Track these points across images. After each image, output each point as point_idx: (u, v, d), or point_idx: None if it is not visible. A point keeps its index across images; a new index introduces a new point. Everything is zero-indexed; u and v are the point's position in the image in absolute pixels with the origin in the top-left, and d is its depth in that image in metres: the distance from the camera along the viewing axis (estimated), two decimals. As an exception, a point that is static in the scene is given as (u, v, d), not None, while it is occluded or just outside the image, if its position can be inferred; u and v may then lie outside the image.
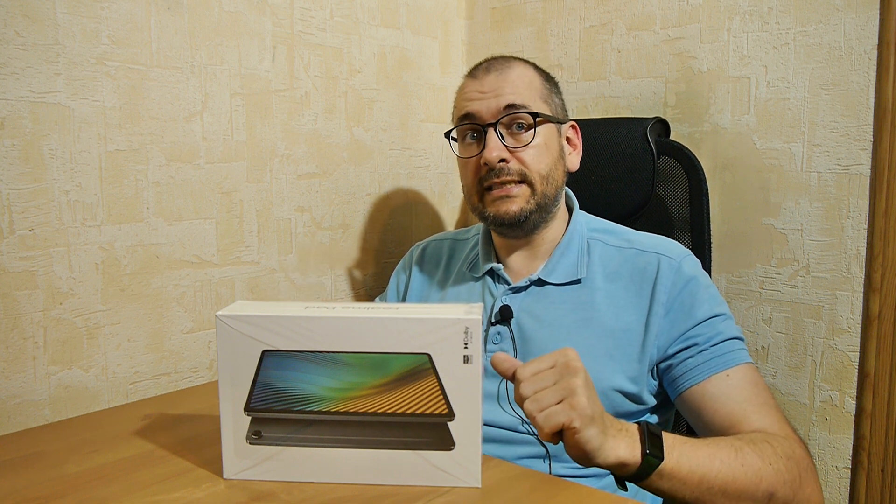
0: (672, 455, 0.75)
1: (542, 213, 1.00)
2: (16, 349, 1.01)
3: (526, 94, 0.99)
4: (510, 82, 0.99)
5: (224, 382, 0.75)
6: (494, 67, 1.01)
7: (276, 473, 0.76)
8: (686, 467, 0.76)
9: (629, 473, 0.75)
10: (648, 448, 0.74)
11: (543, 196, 0.99)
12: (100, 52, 1.06)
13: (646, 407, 0.95)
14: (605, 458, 0.72)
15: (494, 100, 0.98)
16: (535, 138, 0.98)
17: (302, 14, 1.32)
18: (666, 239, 1.02)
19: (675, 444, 0.77)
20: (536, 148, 0.99)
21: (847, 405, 1.18)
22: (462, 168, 1.04)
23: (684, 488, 0.76)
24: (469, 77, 1.03)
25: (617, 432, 0.74)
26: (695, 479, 0.76)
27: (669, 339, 0.93)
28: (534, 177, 0.98)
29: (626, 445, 0.74)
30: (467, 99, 1.01)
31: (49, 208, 1.03)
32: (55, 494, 0.75)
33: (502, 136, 0.98)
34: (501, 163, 0.97)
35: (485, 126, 0.98)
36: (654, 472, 0.74)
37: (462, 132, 1.02)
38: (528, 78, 1.01)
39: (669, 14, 1.33)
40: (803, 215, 1.21)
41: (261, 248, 1.29)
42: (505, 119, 0.97)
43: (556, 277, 1.01)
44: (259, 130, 1.27)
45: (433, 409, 0.74)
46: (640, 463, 0.74)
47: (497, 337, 1.00)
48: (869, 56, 1.12)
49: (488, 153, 0.96)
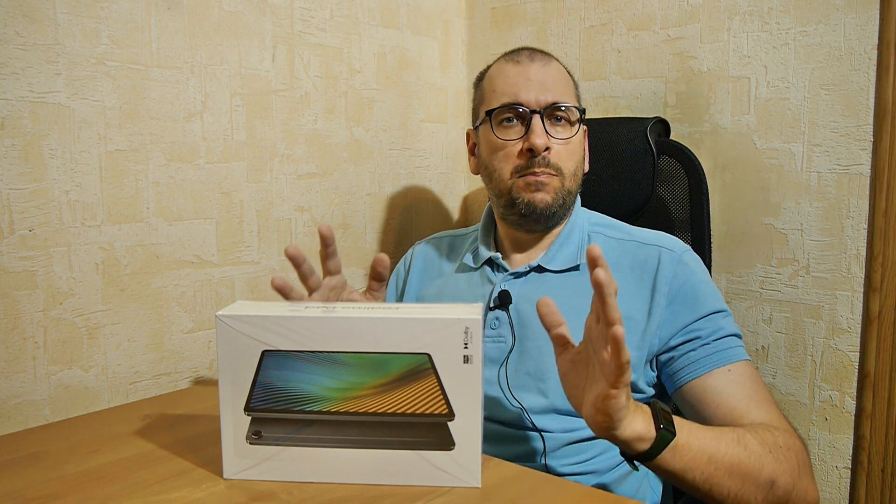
0: (682, 432, 0.76)
1: (563, 209, 1.02)
2: (16, 349, 1.01)
3: (568, 92, 1.02)
4: (554, 76, 1.01)
5: (224, 382, 0.75)
6: (538, 57, 1.02)
7: (276, 473, 0.76)
8: (696, 445, 0.77)
9: (643, 449, 0.75)
10: (662, 423, 0.75)
11: (568, 192, 1.01)
12: (100, 52, 1.06)
13: (643, 396, 0.96)
14: (624, 430, 0.73)
15: (542, 90, 0.99)
16: (575, 135, 1.01)
17: (302, 14, 1.32)
18: (666, 234, 1.03)
19: (684, 424, 0.78)
20: (573, 144, 1.01)
21: (847, 405, 1.18)
22: (497, 151, 1.02)
23: (694, 466, 0.76)
24: (510, 62, 1.03)
25: (636, 408, 0.75)
26: (704, 458, 0.77)
27: (672, 331, 0.93)
28: (565, 172, 1.00)
29: (643, 420, 0.75)
30: (512, 84, 1.01)
31: (49, 208, 1.03)
32: (55, 494, 0.75)
33: (545, 126, 0.99)
34: (545, 152, 0.98)
35: (532, 112, 0.99)
36: (667, 447, 0.75)
37: (500, 116, 1.02)
38: (566, 77, 1.05)
39: (669, 14, 1.33)
40: (803, 215, 1.21)
41: (261, 248, 1.29)
42: (549, 111, 0.99)
43: (555, 265, 1.01)
44: (259, 130, 1.27)
45: (433, 409, 0.74)
46: (655, 438, 0.74)
47: (495, 322, 1.01)
48: (869, 56, 1.12)
49: (536, 139, 0.97)
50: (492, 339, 1.00)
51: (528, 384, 0.96)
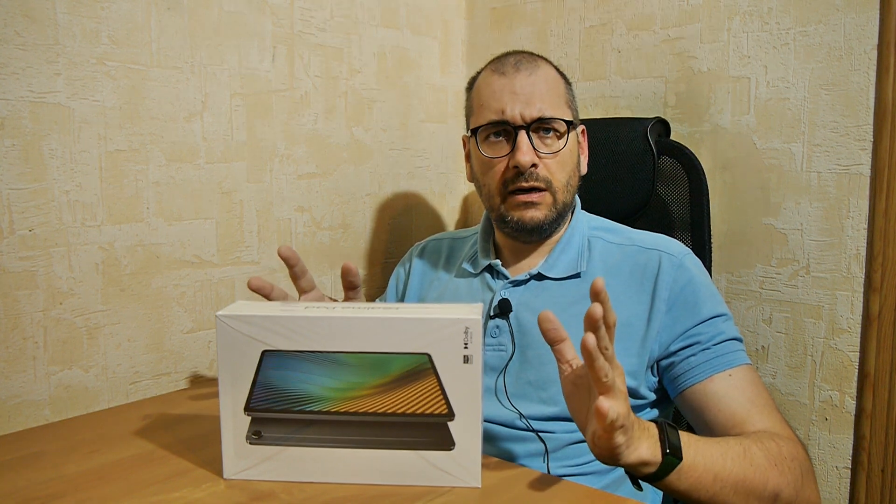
0: (689, 453, 0.75)
1: (559, 220, 1.01)
2: (16, 349, 1.01)
3: (556, 100, 0.99)
4: (540, 87, 0.98)
5: (224, 382, 0.75)
6: (524, 66, 0.99)
7: (276, 473, 0.76)
8: (701, 466, 0.76)
9: (649, 473, 0.74)
10: (669, 448, 0.74)
11: (563, 204, 1.00)
12: (100, 52, 1.06)
13: (644, 402, 0.96)
14: (628, 457, 0.72)
15: (527, 105, 0.97)
16: (564, 147, 0.99)
17: (302, 14, 1.32)
18: (667, 237, 1.03)
19: (690, 443, 0.77)
20: (563, 156, 0.99)
21: (847, 405, 1.18)
22: (484, 166, 1.02)
23: (699, 486, 0.76)
24: (495, 72, 1.01)
25: (640, 432, 0.74)
26: (709, 477, 0.76)
27: (672, 336, 0.93)
28: (557, 185, 0.99)
29: (648, 445, 0.73)
30: (498, 99, 0.99)
31: (49, 208, 1.03)
32: (55, 494, 0.75)
33: (531, 141, 0.97)
34: (532, 168, 0.97)
35: (517, 128, 0.97)
36: (672, 471, 0.74)
37: (487, 130, 1.00)
38: (555, 82, 1.01)
39: (669, 14, 1.33)
40: (803, 215, 1.21)
41: (261, 248, 1.29)
42: (536, 125, 0.97)
43: (555, 272, 1.01)
44: (259, 130, 1.27)
45: (433, 409, 0.74)
46: (661, 463, 0.73)
47: (496, 331, 1.00)
48: (869, 56, 1.12)
49: (521, 156, 0.95)
50: (492, 348, 1.00)
51: (529, 393, 0.95)
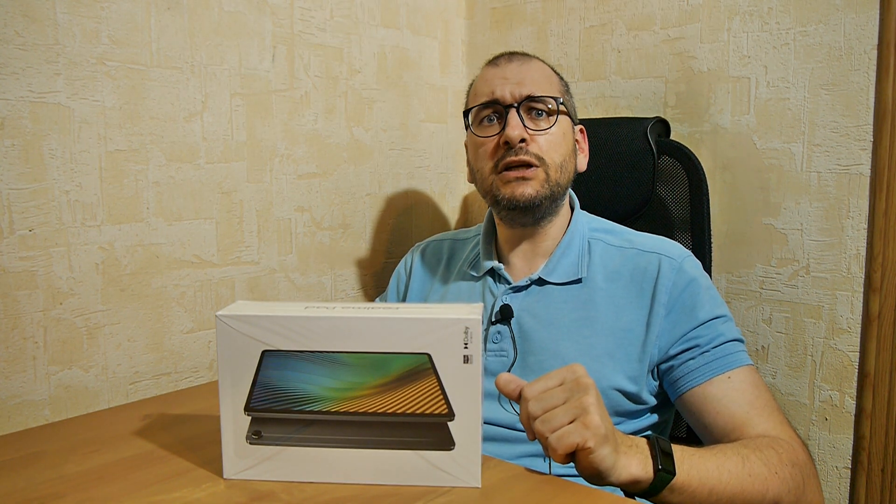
0: (682, 469, 0.74)
1: (552, 202, 1.01)
2: (16, 349, 1.01)
3: (546, 85, 1.02)
4: (532, 73, 1.01)
5: (224, 382, 0.75)
6: (516, 58, 1.03)
7: (276, 473, 0.76)
8: (696, 480, 0.75)
9: (641, 490, 0.74)
10: (661, 464, 0.73)
11: (556, 184, 1.00)
12: (100, 52, 1.06)
13: (646, 406, 0.95)
14: (618, 476, 0.71)
15: (517, 86, 0.99)
16: (554, 126, 1.00)
17: (302, 14, 1.32)
18: (667, 240, 1.02)
19: (684, 457, 0.76)
20: (554, 135, 1.00)
21: (847, 405, 1.18)
22: (478, 149, 1.03)
23: (694, 501, 0.75)
24: (490, 65, 1.05)
25: (628, 448, 0.73)
26: (704, 491, 0.76)
27: (671, 340, 0.93)
28: (549, 162, 0.99)
29: (639, 462, 0.73)
30: (489, 83, 1.02)
31: (49, 208, 1.03)
32: (55, 494, 0.75)
33: (522, 119, 0.98)
34: (521, 143, 0.97)
35: (507, 107, 0.99)
36: (665, 487, 0.73)
37: (480, 116, 1.02)
38: (548, 73, 1.04)
39: (669, 14, 1.33)
40: (803, 215, 1.20)
41: (261, 248, 1.29)
42: (526, 104, 0.99)
43: (556, 277, 1.01)
44: (259, 130, 1.27)
45: (433, 409, 0.74)
46: (653, 479, 0.73)
47: (497, 336, 1.00)
48: (869, 56, 1.12)
49: (510, 130, 0.97)
50: (494, 354, 1.00)
51: None
